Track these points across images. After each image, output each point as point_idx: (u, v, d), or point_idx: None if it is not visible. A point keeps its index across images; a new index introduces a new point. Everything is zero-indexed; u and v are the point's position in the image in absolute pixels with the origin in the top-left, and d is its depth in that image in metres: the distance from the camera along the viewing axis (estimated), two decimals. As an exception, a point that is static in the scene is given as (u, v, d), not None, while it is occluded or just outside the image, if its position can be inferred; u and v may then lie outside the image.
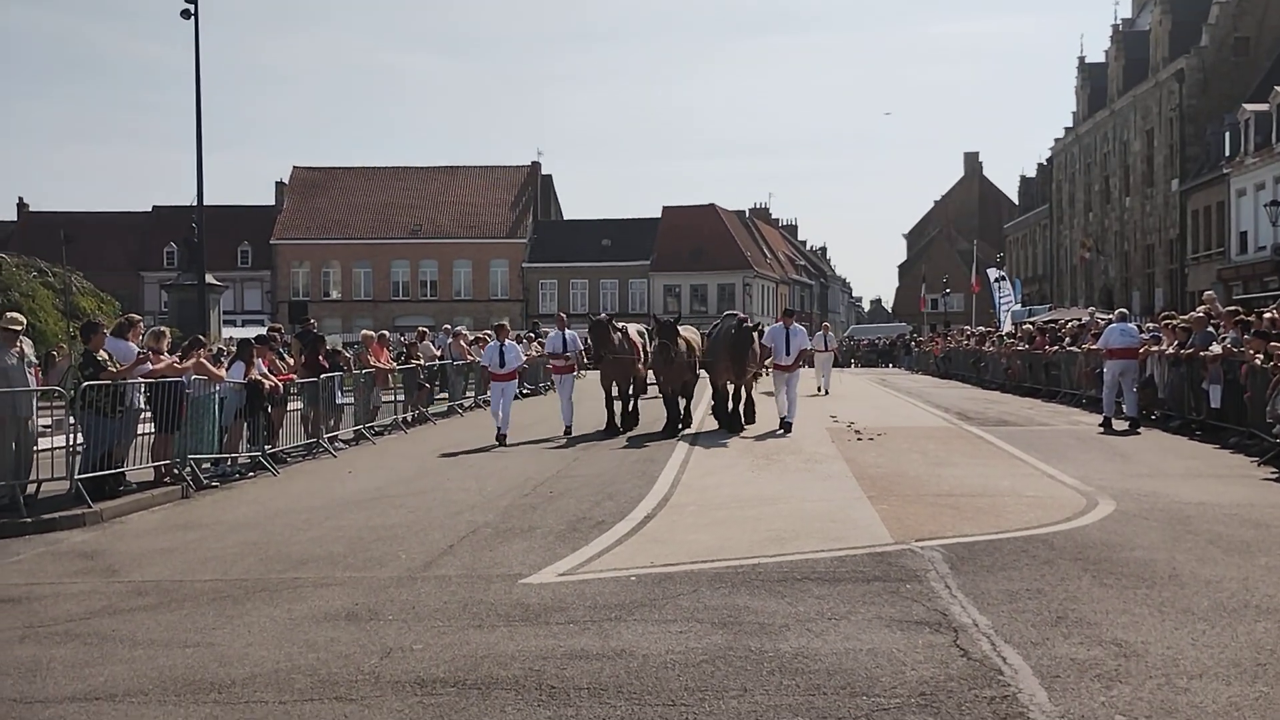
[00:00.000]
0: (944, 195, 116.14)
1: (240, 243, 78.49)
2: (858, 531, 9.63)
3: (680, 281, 77.10)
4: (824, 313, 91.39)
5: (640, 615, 7.14)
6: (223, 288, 36.89)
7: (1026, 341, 29.83)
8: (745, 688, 5.71)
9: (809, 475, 13.27)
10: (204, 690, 5.97)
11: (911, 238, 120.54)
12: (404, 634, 6.89)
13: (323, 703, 5.71)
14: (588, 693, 5.70)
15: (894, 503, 10.98)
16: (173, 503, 13.05)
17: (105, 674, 6.31)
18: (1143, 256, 55.68)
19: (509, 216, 79.85)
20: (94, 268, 54.30)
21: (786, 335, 18.76)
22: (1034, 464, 13.89)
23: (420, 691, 5.82)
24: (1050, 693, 5.49)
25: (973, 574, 7.94)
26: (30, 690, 6.07)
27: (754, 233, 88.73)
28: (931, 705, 5.37)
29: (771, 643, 6.44)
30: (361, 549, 9.73)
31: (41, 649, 6.88)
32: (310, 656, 6.50)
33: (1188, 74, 50.28)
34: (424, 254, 78.60)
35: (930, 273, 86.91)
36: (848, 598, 7.39)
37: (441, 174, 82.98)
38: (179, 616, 7.59)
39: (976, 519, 10.10)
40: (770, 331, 19.43)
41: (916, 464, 13.94)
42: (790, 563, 8.48)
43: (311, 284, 78.79)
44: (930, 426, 19.46)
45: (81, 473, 12.21)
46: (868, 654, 6.17)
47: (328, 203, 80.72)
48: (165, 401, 13.40)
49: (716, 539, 9.53)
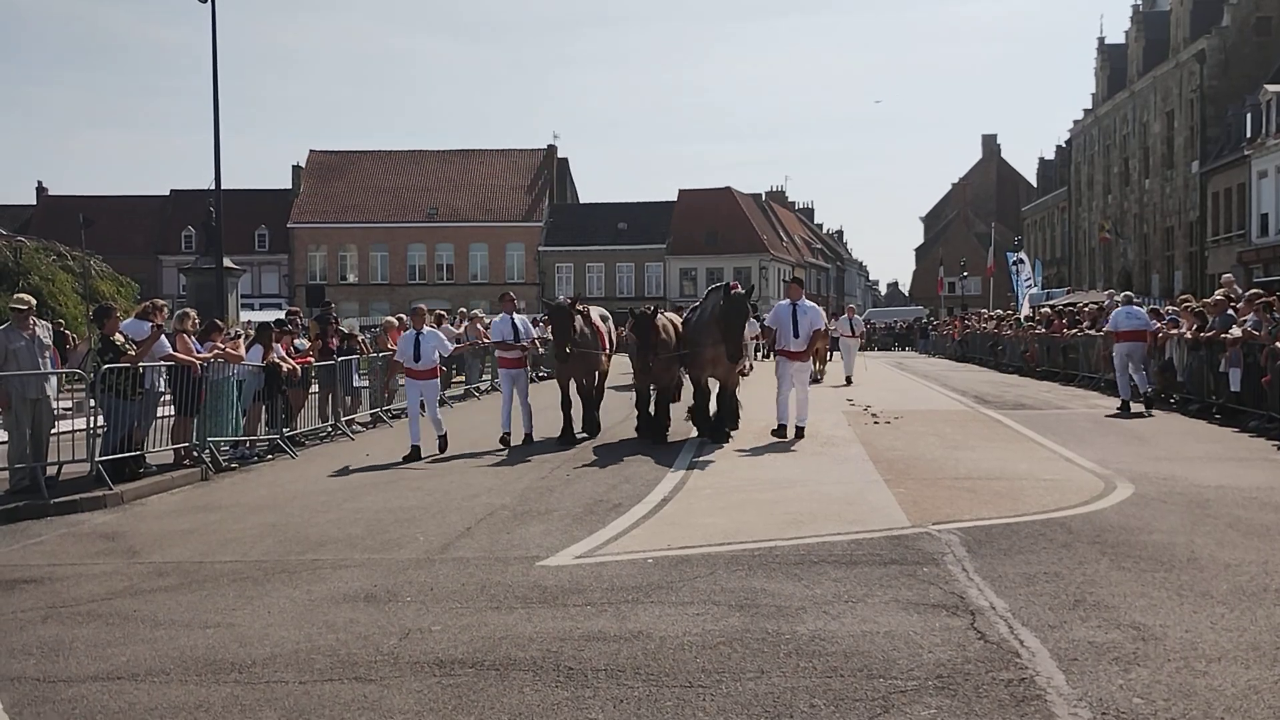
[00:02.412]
0: (962, 178, 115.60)
1: (257, 226, 78.69)
2: (874, 514, 9.63)
3: (696, 265, 76.97)
4: (840, 296, 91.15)
5: (657, 597, 7.16)
6: (240, 271, 36.96)
7: (1044, 325, 29.73)
8: (762, 670, 5.72)
9: (825, 458, 13.26)
10: (225, 670, 6.02)
11: (929, 220, 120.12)
12: (422, 615, 6.93)
13: (342, 683, 5.75)
14: (605, 674, 5.72)
15: (911, 486, 10.97)
16: (192, 485, 13.13)
17: (127, 654, 6.36)
18: (1162, 239, 55.33)
19: (525, 200, 79.85)
20: (113, 251, 54.71)
21: (794, 313, 14.96)
22: (1051, 447, 13.85)
23: (439, 672, 5.85)
24: (1068, 675, 5.48)
25: (990, 557, 7.93)
26: (53, 670, 6.13)
27: (770, 216, 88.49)
28: (949, 688, 5.37)
29: (788, 625, 6.45)
30: (380, 531, 9.78)
31: (64, 629, 6.95)
32: (330, 637, 6.54)
33: (1209, 54, 49.84)
34: (440, 237, 78.69)
35: (948, 256, 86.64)
36: (865, 580, 7.39)
37: (458, 158, 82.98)
38: (199, 597, 7.65)
39: (994, 502, 10.08)
40: (775, 310, 15.59)
41: (933, 447, 13.91)
42: (807, 546, 8.48)
43: (328, 267, 78.97)
44: (947, 410, 19.41)
45: (102, 455, 12.30)
46: (885, 637, 6.17)
47: (344, 186, 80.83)
48: (184, 385, 13.46)
49: (733, 522, 9.54)
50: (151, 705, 5.50)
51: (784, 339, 15.00)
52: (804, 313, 15.04)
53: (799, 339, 14.91)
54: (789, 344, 14.96)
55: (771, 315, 15.65)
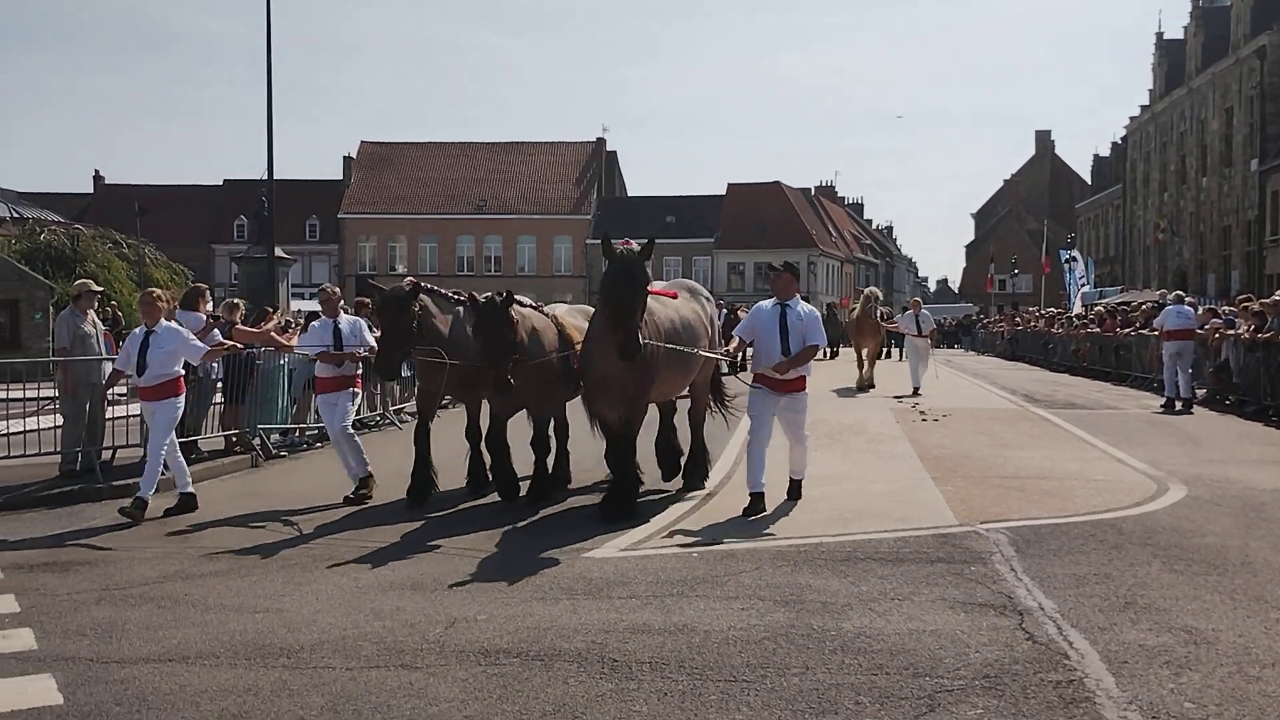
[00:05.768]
0: (1014, 174, 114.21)
1: (309, 216, 79.41)
2: (922, 512, 9.57)
3: (744, 259, 76.78)
4: (889, 293, 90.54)
5: (702, 591, 7.15)
6: (291, 261, 37.32)
7: (1097, 323, 29.38)
8: (807, 666, 5.70)
9: (873, 455, 13.18)
10: (273, 655, 6.08)
11: (980, 217, 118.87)
12: (468, 605, 6.97)
13: (388, 670, 5.79)
14: (649, 666, 5.72)
15: (959, 484, 10.88)
16: (242, 471, 13.29)
17: (178, 637, 6.46)
18: (1219, 238, 54.36)
19: (573, 193, 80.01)
20: (167, 240, 55.46)
21: (782, 318, 9.83)
22: (1103, 447, 13.69)
23: (484, 661, 5.88)
24: (1118, 679, 5.41)
25: (1039, 557, 7.85)
26: (107, 651, 6.23)
27: (819, 211, 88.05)
28: (996, 688, 5.32)
29: (834, 621, 6.42)
30: (427, 521, 9.84)
31: (117, 611, 7.06)
32: (376, 624, 6.60)
33: (1269, 51, 48.85)
34: (489, 229, 79.06)
35: (999, 253, 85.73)
36: (911, 578, 7.34)
37: (507, 150, 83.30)
38: (248, 582, 7.74)
39: (1043, 502, 9.98)
40: (753, 313, 10.37)
41: (982, 445, 13.79)
42: (853, 542, 8.44)
43: (378, 258, 79.58)
44: (996, 408, 19.23)
45: (155, 440, 12.44)
46: (931, 635, 6.13)
47: (394, 177, 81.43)
48: (235, 372, 13.63)
49: (779, 518, 9.50)
50: (202, 688, 5.58)
51: (764, 355, 9.86)
52: (796, 319, 9.82)
53: (781, 354, 9.69)
54: (770, 359, 9.74)
55: (746, 319, 10.67)
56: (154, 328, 10.24)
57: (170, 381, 10.23)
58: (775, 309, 9.90)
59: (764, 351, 9.85)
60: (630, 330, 8.97)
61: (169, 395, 10.22)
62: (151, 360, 10.10)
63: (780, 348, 9.69)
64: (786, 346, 9.68)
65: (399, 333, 10.18)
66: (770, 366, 9.68)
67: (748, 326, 10.26)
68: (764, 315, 9.99)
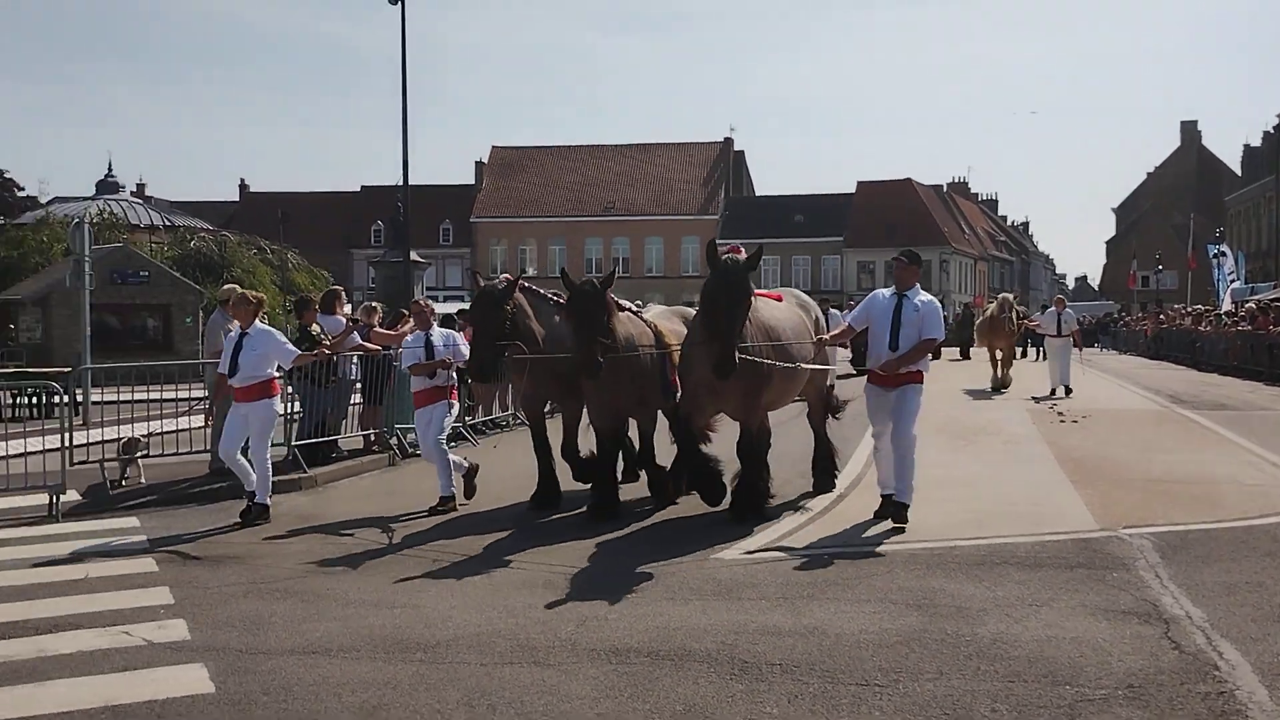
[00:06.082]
0: (1158, 166, 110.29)
1: (442, 220, 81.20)
2: (1060, 516, 9.32)
3: (874, 258, 75.69)
4: (1025, 290, 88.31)
5: (833, 594, 7.09)
6: (426, 264, 38.32)
7: (1249, 321, 28.17)
8: (941, 671, 5.60)
9: (1008, 457, 12.89)
10: (411, 649, 6.24)
11: (1121, 212, 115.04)
12: (598, 603, 7.03)
13: (521, 666, 5.89)
14: (780, 669, 5.70)
15: (1100, 487, 10.57)
16: (380, 470, 13.64)
17: (320, 630, 6.67)
18: (1381, 230, 51.65)
19: (701, 193, 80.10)
20: (308, 245, 57.43)
21: (896, 311, 9.21)
22: (1255, 450, 13.13)
23: (615, 660, 5.93)
24: (1271, 691, 5.19)
25: (1186, 564, 7.58)
26: (254, 642, 6.47)
27: (952, 208, 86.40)
28: (1140, 698, 5.15)
29: (969, 627, 6.30)
30: (558, 520, 9.97)
31: (263, 604, 7.32)
32: (509, 621, 6.71)
33: None
34: (617, 231, 79.68)
35: (1141, 249, 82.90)
36: (1049, 584, 7.16)
37: (635, 152, 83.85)
38: (387, 579, 7.94)
39: (1190, 507, 9.63)
40: (867, 302, 9.75)
41: (1124, 448, 13.36)
42: (988, 546, 8.26)
43: (509, 261, 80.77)
44: (1139, 409, 18.60)
45: (297, 440, 12.91)
46: (1071, 643, 5.96)
47: (524, 181, 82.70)
48: (373, 374, 14.03)
49: (911, 520, 9.35)
50: (343, 680, 5.75)
51: (875, 349, 9.31)
52: (912, 310, 9.16)
53: (896, 352, 9.08)
54: (881, 353, 9.19)
55: (860, 307, 10.03)
56: (248, 329, 10.30)
57: (263, 383, 10.26)
58: (891, 299, 9.31)
59: (874, 346, 9.31)
60: (728, 346, 8.49)
61: (262, 396, 10.26)
62: (244, 362, 10.15)
63: (889, 343, 9.10)
64: (896, 341, 9.07)
65: (490, 330, 9.75)
66: (878, 366, 9.17)
67: (861, 315, 9.69)
68: (879, 306, 9.38)
